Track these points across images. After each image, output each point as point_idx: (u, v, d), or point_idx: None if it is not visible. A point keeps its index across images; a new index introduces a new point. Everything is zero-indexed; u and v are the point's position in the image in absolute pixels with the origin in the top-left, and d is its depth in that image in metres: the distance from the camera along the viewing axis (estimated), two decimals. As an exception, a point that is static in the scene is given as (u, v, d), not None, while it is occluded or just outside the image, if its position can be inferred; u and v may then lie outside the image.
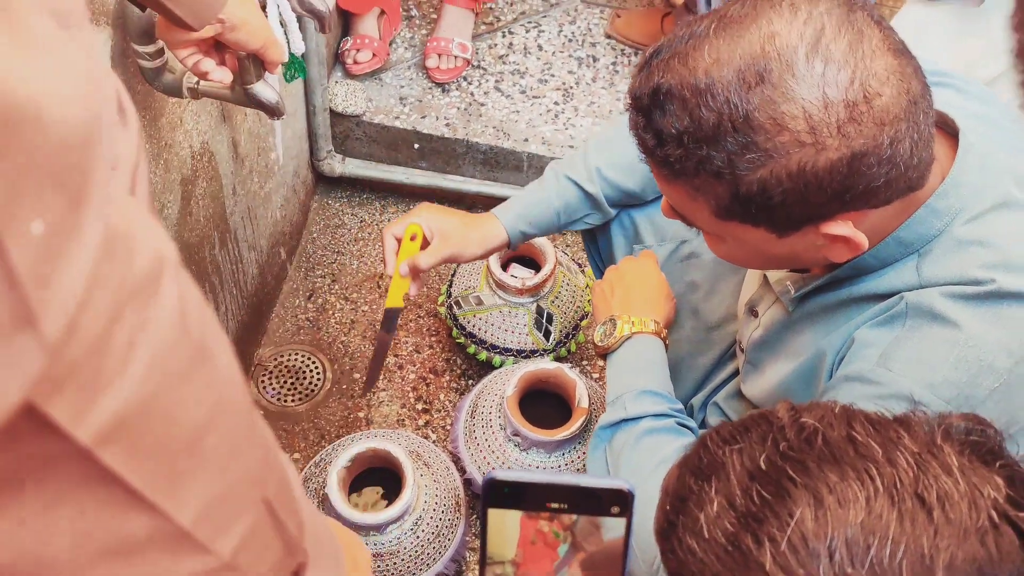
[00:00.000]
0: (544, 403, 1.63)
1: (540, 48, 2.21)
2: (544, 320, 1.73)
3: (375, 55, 2.07)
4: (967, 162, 0.92)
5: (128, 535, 0.40)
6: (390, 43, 2.16)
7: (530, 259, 1.79)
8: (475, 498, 1.66)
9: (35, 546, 0.38)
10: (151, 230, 0.38)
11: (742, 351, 1.19)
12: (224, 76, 1.07)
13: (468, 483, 1.62)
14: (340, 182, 2.13)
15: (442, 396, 1.86)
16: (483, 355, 1.76)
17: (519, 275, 1.73)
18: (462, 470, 1.62)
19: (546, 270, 1.69)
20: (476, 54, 2.17)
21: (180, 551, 0.42)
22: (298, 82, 1.85)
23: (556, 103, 2.12)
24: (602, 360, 1.26)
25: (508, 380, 1.56)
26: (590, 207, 1.38)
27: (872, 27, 0.83)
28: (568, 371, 1.55)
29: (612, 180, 1.35)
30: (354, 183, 2.14)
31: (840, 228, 0.88)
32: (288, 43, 1.29)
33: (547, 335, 1.74)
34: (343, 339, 1.93)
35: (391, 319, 1.40)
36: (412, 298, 1.37)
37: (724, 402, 1.26)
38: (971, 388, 0.89)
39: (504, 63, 2.18)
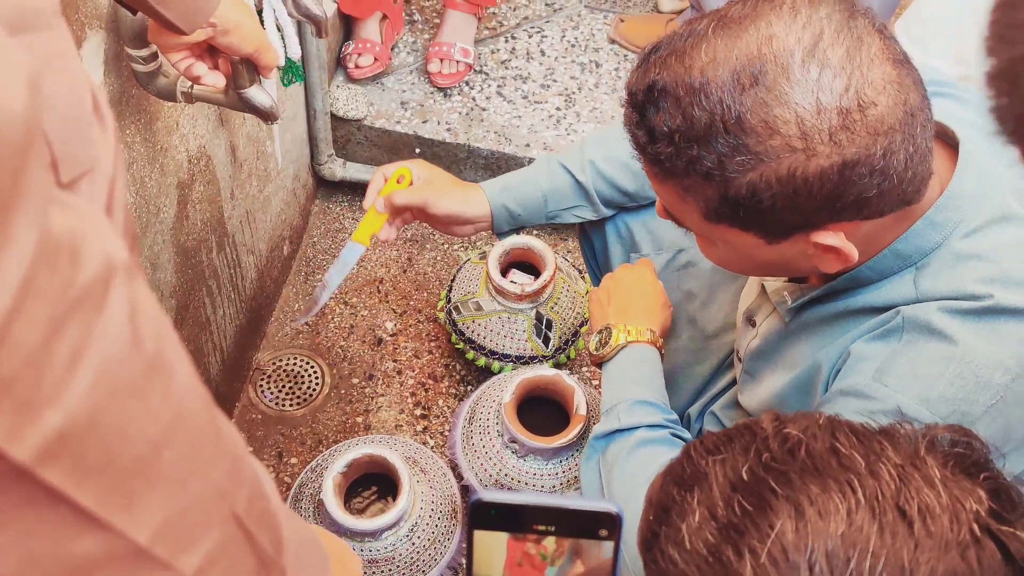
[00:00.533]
0: (542, 410, 1.62)
1: (543, 53, 2.20)
2: (543, 326, 1.72)
3: (377, 59, 2.07)
4: (966, 174, 0.91)
5: (81, 555, 0.38)
6: (392, 47, 2.15)
7: (530, 265, 1.78)
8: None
9: None
10: (103, 235, 0.37)
11: (740, 361, 1.17)
12: (217, 80, 1.07)
13: (465, 490, 1.61)
14: (341, 186, 2.13)
15: (441, 402, 1.86)
16: (482, 361, 1.75)
17: (519, 281, 1.72)
18: (459, 477, 1.61)
19: (546, 276, 1.68)
20: (478, 59, 2.17)
21: (138, 570, 0.41)
22: (299, 86, 1.85)
23: (558, 108, 2.11)
24: (598, 369, 1.25)
25: (506, 386, 1.55)
26: (580, 198, 1.34)
27: (873, 35, 0.81)
28: (566, 378, 1.54)
29: (606, 174, 1.32)
30: (355, 187, 2.13)
31: (830, 238, 0.86)
32: (284, 47, 1.29)
33: (546, 341, 1.73)
34: (342, 344, 1.92)
35: (349, 254, 1.34)
36: (381, 241, 1.33)
37: (721, 412, 1.25)
38: (967, 404, 0.88)
39: (506, 68, 2.17)
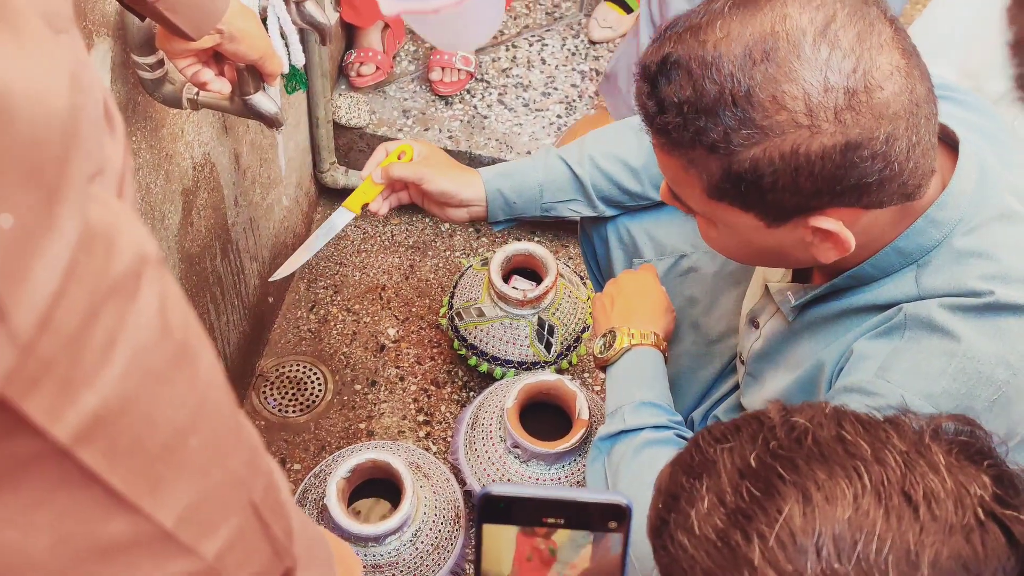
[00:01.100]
0: (545, 415, 1.63)
1: (543, 61, 2.22)
2: (545, 332, 1.73)
3: (379, 68, 2.08)
4: (967, 173, 0.92)
5: (110, 537, 0.39)
6: (394, 56, 2.17)
7: (532, 271, 1.79)
8: (475, 510, 1.65)
9: (14, 549, 0.38)
10: (134, 229, 0.38)
11: (743, 363, 1.18)
12: (223, 87, 1.08)
13: (468, 495, 1.62)
14: (343, 194, 2.13)
15: (443, 408, 1.86)
16: (484, 367, 1.76)
17: (520, 287, 1.73)
18: (462, 482, 1.62)
19: (547, 282, 1.69)
20: (479, 67, 2.18)
21: (163, 553, 0.42)
22: (301, 94, 1.86)
23: (559, 116, 2.12)
24: (602, 372, 1.26)
25: (509, 392, 1.56)
26: (576, 192, 1.34)
27: (884, 23, 0.84)
28: (569, 383, 1.55)
29: (605, 170, 1.32)
30: (357, 195, 2.14)
31: (828, 223, 0.88)
32: (288, 55, 1.30)
33: (548, 347, 1.74)
34: (345, 350, 1.93)
35: (338, 219, 1.34)
36: (371, 213, 1.34)
37: (725, 415, 1.26)
38: (969, 400, 0.89)
39: (507, 76, 2.18)
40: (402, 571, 1.46)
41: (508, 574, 0.60)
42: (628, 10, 2.26)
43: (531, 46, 2.24)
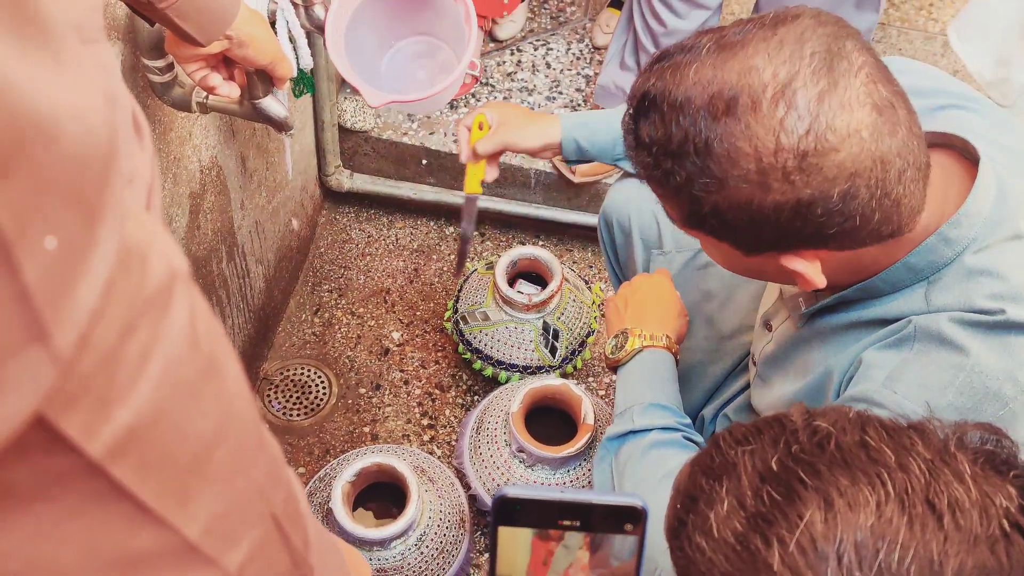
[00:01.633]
0: (550, 419, 1.63)
1: (548, 66, 2.22)
2: (550, 336, 1.73)
3: (384, 71, 2.08)
4: (984, 192, 0.92)
5: (137, 549, 0.40)
6: (399, 60, 2.17)
7: (537, 275, 1.79)
8: (480, 515, 1.65)
9: (44, 561, 0.38)
10: (164, 244, 0.38)
11: (755, 364, 1.19)
12: (232, 91, 1.08)
13: (473, 499, 1.62)
14: (348, 197, 2.14)
15: (447, 412, 1.86)
16: (489, 371, 1.76)
17: (526, 291, 1.73)
18: (467, 486, 1.62)
19: (552, 286, 1.69)
20: (484, 71, 2.18)
21: (188, 565, 0.42)
22: (307, 97, 1.86)
23: (564, 120, 2.13)
24: (613, 373, 1.26)
25: (514, 396, 1.56)
26: None
27: (853, 77, 0.82)
28: (574, 387, 1.55)
29: None
30: (362, 198, 2.14)
31: (796, 263, 0.89)
32: (296, 59, 1.30)
33: (553, 351, 1.74)
34: (349, 354, 1.93)
35: (469, 206, 1.44)
36: (490, 182, 1.41)
37: (735, 414, 1.26)
38: (975, 414, 0.89)
39: (512, 80, 2.19)
40: (407, 575, 1.46)
41: None
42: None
43: (536, 50, 2.25)
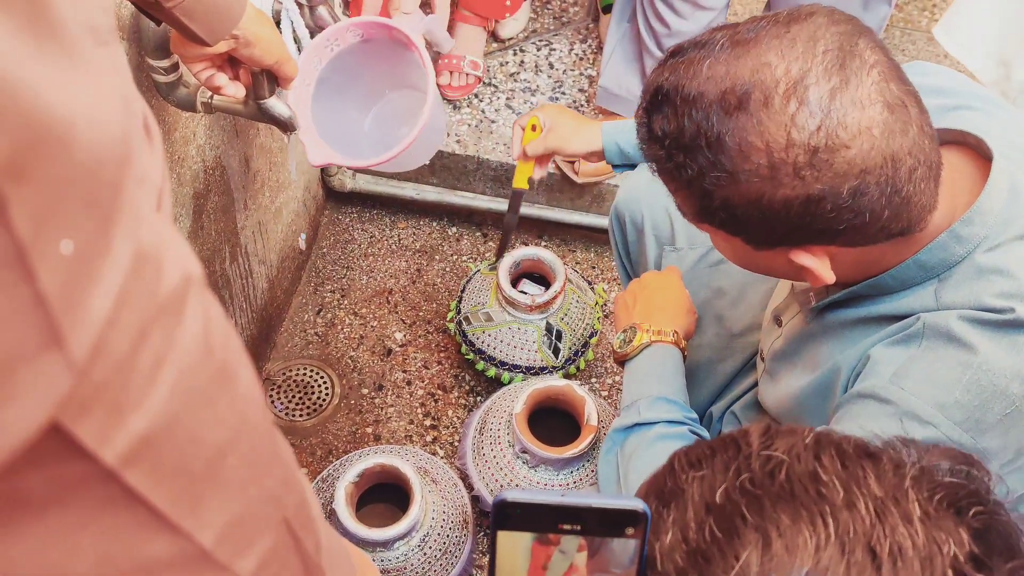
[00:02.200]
0: (553, 420, 1.63)
1: (551, 66, 2.22)
2: (553, 337, 1.73)
3: (387, 72, 2.08)
4: (996, 191, 0.92)
5: (150, 556, 0.39)
6: (402, 60, 2.17)
7: (540, 276, 1.79)
8: (483, 515, 1.65)
9: (57, 568, 0.37)
10: (178, 249, 0.38)
11: (762, 360, 1.19)
12: (237, 91, 1.08)
13: (476, 500, 1.62)
14: (350, 197, 2.14)
15: (450, 412, 1.86)
16: (492, 372, 1.76)
17: (530, 291, 1.73)
18: (470, 487, 1.62)
19: (556, 287, 1.68)
20: (487, 71, 2.18)
21: (201, 572, 0.42)
22: (310, 98, 1.86)
23: (567, 121, 2.12)
24: (620, 366, 1.27)
25: (517, 397, 1.55)
26: None
27: (866, 76, 0.82)
28: (577, 388, 1.55)
29: None
30: (364, 199, 2.14)
31: (805, 259, 0.90)
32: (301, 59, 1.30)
33: (556, 352, 1.73)
34: (352, 354, 1.92)
35: (515, 199, 1.56)
36: (537, 180, 1.53)
37: (741, 412, 1.27)
38: (981, 412, 0.89)
39: (515, 81, 2.18)
40: (410, 576, 1.46)
41: None
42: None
43: (539, 50, 2.24)
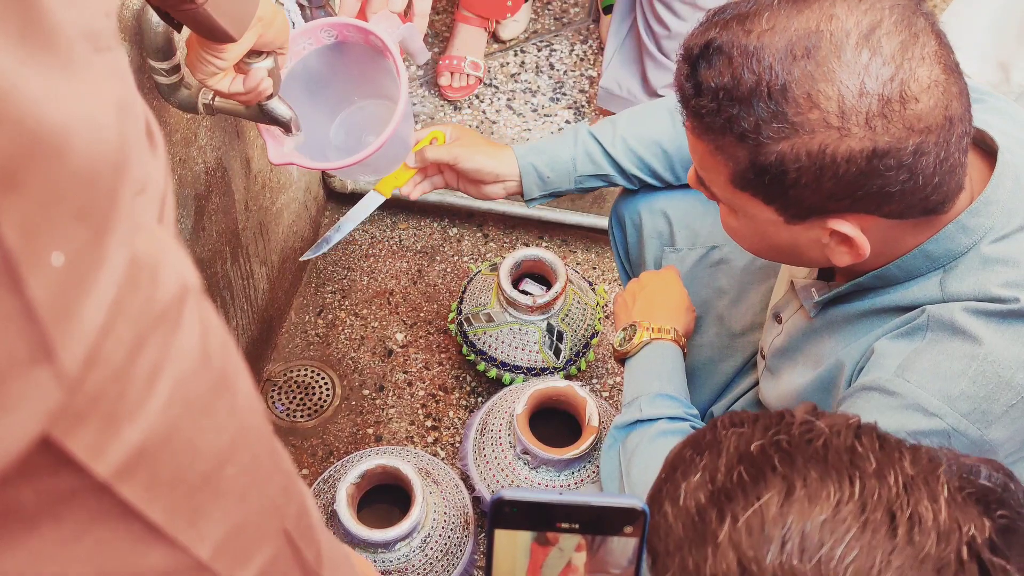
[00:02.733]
0: (554, 421, 1.63)
1: (552, 67, 2.22)
2: (554, 338, 1.73)
3: (388, 72, 2.08)
4: (1002, 182, 0.92)
5: (146, 569, 0.39)
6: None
7: (541, 276, 1.79)
8: (484, 516, 1.65)
9: None
10: (176, 258, 0.38)
11: (763, 358, 1.19)
12: (267, 87, 1.05)
13: (477, 501, 1.62)
14: (351, 198, 2.14)
15: (451, 413, 1.86)
16: (493, 372, 1.76)
17: (531, 291, 1.73)
18: (471, 488, 1.62)
19: (557, 288, 1.68)
20: (488, 72, 2.18)
21: None
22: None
23: (568, 122, 2.12)
24: (621, 365, 1.27)
25: (518, 398, 1.55)
26: (608, 166, 1.34)
27: (930, 35, 0.84)
28: (579, 389, 1.55)
29: (639, 154, 1.33)
30: (365, 199, 2.14)
31: (846, 227, 0.88)
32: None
33: (557, 353, 1.73)
34: (353, 355, 1.93)
35: (371, 201, 1.36)
36: (402, 195, 1.36)
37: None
38: (988, 403, 0.89)
39: (516, 81, 2.18)
40: (412, 577, 1.46)
41: None
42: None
43: (540, 51, 2.24)
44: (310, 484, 1.65)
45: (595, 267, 2.09)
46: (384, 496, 1.55)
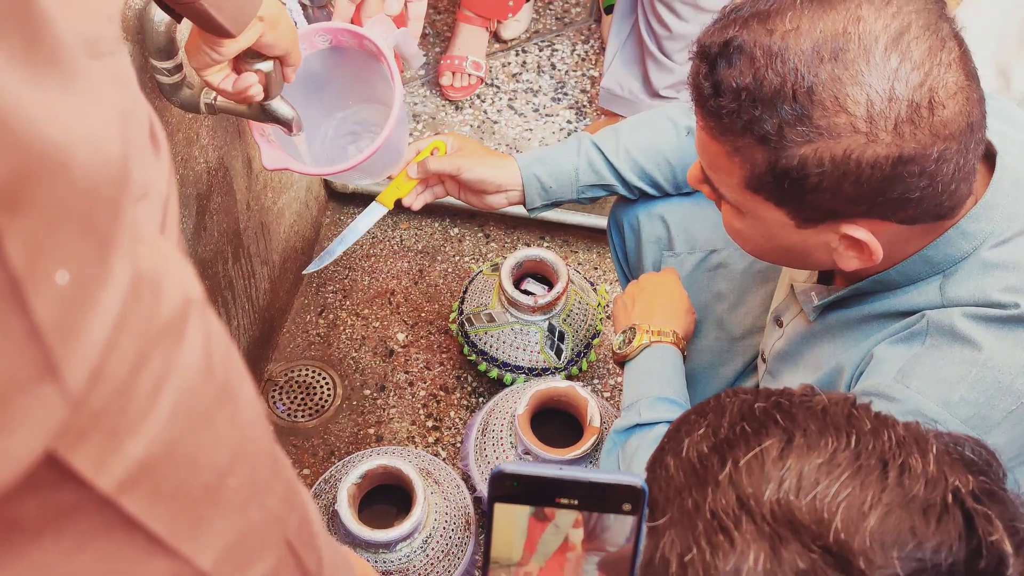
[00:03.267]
0: (555, 421, 1.62)
1: (553, 67, 2.22)
2: (555, 338, 1.73)
3: (389, 72, 2.08)
4: (1002, 187, 0.92)
5: None
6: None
7: (542, 277, 1.78)
8: (485, 517, 1.65)
9: None
10: (179, 269, 0.37)
11: (764, 362, 1.19)
12: (257, 92, 1.05)
13: (478, 501, 1.62)
14: (352, 198, 2.14)
15: (452, 413, 1.86)
16: (494, 372, 1.76)
17: (533, 291, 1.72)
18: (472, 488, 1.61)
19: (558, 288, 1.68)
20: (490, 72, 2.18)
21: None
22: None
23: (569, 122, 2.12)
24: (620, 367, 1.27)
25: (520, 398, 1.55)
26: (611, 176, 1.34)
27: (953, 41, 0.83)
28: (580, 389, 1.54)
29: (641, 165, 1.32)
30: (366, 199, 2.13)
31: (860, 232, 0.88)
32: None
33: (558, 353, 1.73)
34: (354, 355, 1.92)
35: (373, 212, 1.36)
36: (404, 206, 1.35)
37: None
38: (987, 409, 0.89)
39: (517, 81, 2.18)
40: (413, 578, 1.46)
41: (518, 560, 0.59)
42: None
43: (541, 51, 2.24)
44: (311, 484, 1.65)
45: (596, 267, 2.09)
46: (385, 496, 1.55)
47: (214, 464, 0.40)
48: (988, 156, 0.95)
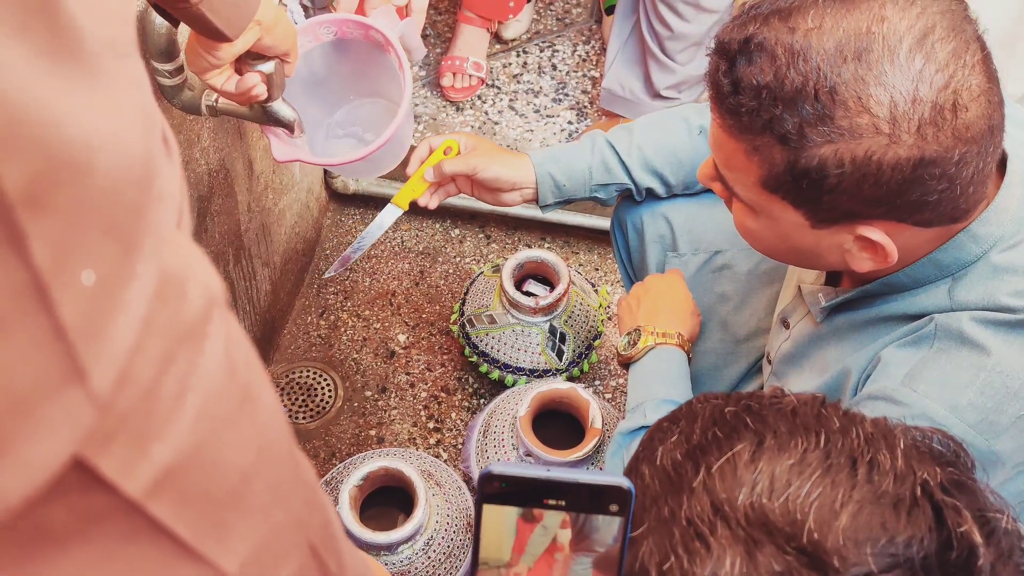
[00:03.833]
0: (557, 423, 1.62)
1: (554, 68, 2.22)
2: (557, 339, 1.72)
3: (390, 73, 2.08)
4: (1012, 190, 0.92)
5: None
6: (405, 61, 2.17)
7: (543, 278, 1.78)
8: (476, 490, 1.65)
9: None
10: (201, 268, 0.37)
11: (769, 363, 1.18)
12: (262, 91, 1.05)
13: (480, 503, 1.61)
14: (353, 199, 2.14)
15: (453, 415, 1.86)
16: (495, 374, 1.76)
17: (534, 292, 1.72)
18: (473, 490, 1.61)
19: (560, 289, 1.68)
20: (490, 73, 2.18)
21: None
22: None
23: (570, 122, 2.12)
24: (625, 369, 1.26)
25: (521, 400, 1.55)
26: (623, 175, 1.33)
27: (976, 43, 0.82)
28: (582, 391, 1.54)
29: (654, 164, 1.31)
30: (367, 201, 2.14)
31: (876, 234, 0.87)
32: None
33: (560, 355, 1.73)
34: (355, 356, 1.92)
35: (389, 214, 1.37)
36: (420, 207, 1.36)
37: None
38: (995, 414, 0.88)
39: (518, 82, 2.18)
40: (414, 580, 1.46)
41: (507, 561, 0.59)
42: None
43: (542, 52, 2.24)
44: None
45: (598, 268, 2.08)
46: (387, 498, 1.55)
47: (238, 467, 0.39)
48: (999, 159, 0.94)
